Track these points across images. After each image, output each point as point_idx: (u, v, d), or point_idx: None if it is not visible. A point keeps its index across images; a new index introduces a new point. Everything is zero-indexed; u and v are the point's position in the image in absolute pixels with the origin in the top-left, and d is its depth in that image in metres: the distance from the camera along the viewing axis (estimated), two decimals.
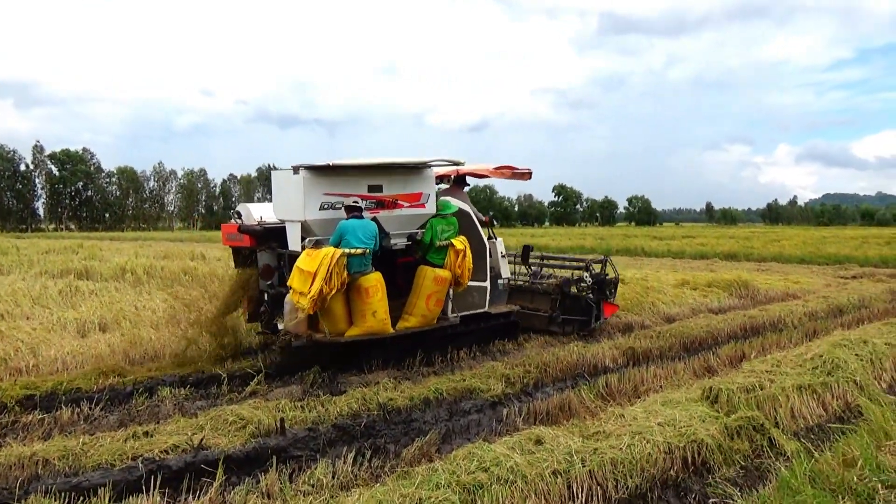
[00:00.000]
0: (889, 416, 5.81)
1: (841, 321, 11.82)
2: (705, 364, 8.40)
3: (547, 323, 10.65)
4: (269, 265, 8.76)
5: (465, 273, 8.78)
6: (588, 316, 10.70)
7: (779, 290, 16.71)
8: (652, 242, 40.79)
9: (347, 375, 7.98)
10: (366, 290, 7.76)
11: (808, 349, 7.93)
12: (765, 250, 33.80)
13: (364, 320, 7.85)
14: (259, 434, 5.77)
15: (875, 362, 7.81)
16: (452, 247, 8.65)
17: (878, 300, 14.95)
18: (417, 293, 8.54)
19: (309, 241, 7.95)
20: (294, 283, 7.57)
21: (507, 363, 8.35)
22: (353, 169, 8.22)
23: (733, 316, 12.15)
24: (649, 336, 10.10)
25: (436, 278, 8.50)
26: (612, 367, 8.48)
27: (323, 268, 7.29)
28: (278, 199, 8.50)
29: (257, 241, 8.78)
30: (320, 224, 8.05)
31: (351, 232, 7.69)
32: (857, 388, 6.88)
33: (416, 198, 8.79)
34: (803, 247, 35.58)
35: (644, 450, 4.99)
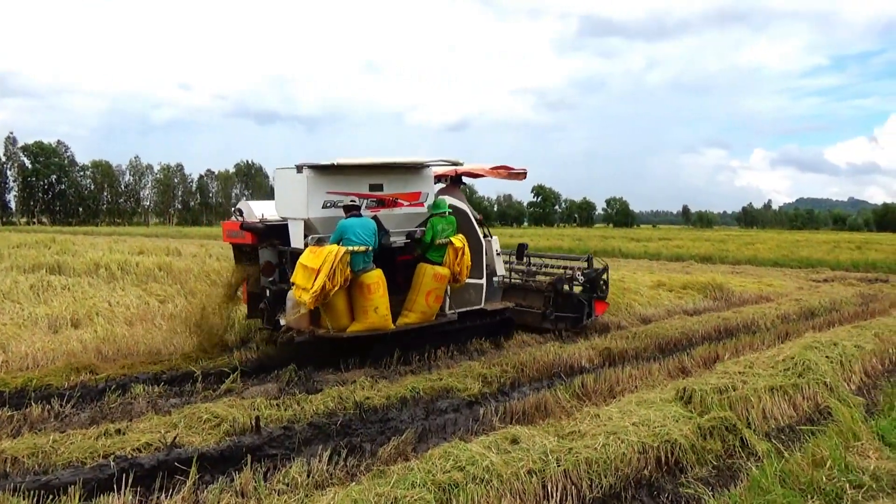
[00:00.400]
0: (857, 417, 5.93)
1: (812, 324, 12.01)
2: (680, 365, 8.48)
3: (540, 320, 10.80)
4: (270, 262, 8.90)
5: (463, 270, 9.02)
6: (580, 313, 10.88)
7: (752, 293, 16.93)
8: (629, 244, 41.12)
9: (324, 374, 7.95)
10: (368, 287, 7.94)
11: (780, 351, 8.05)
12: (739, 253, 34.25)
13: (366, 316, 8.02)
14: (234, 432, 5.72)
15: (844, 364, 7.95)
16: (451, 245, 8.86)
17: (849, 303, 15.22)
18: (417, 290, 8.73)
19: (312, 239, 8.09)
20: (297, 279, 7.72)
21: (484, 363, 8.37)
22: (355, 168, 8.35)
23: (708, 318, 12.29)
24: (625, 337, 10.18)
25: (435, 275, 8.70)
26: (588, 368, 8.54)
27: (327, 265, 7.47)
28: (281, 197, 8.63)
29: (259, 239, 8.91)
30: (323, 222, 8.19)
31: (351, 230, 7.85)
32: (827, 390, 6.99)
33: (415, 197, 9.00)
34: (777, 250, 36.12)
35: (618, 449, 5.04)
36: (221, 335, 9.17)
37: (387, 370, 8.19)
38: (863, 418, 6.06)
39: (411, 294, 8.76)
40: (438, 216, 8.96)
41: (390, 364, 8.37)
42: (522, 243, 11.55)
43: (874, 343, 9.05)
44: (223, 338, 9.24)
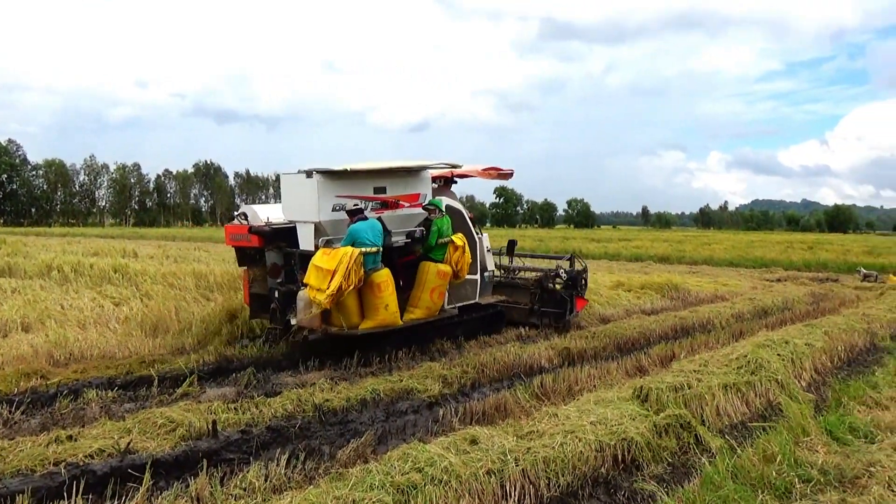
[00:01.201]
0: (806, 413, 6.09)
1: (765, 322, 12.30)
2: (637, 364, 8.61)
3: (527, 315, 11.34)
4: (276, 264, 9.22)
5: (464, 267, 9.52)
6: (563, 309, 11.35)
7: (708, 292, 17.28)
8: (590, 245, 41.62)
9: (283, 376, 7.88)
10: (378, 286, 8.31)
11: (734, 349, 8.23)
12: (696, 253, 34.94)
13: (377, 313, 8.38)
14: (190, 437, 5.63)
15: (795, 362, 8.16)
16: (452, 243, 9.32)
17: (800, 302, 15.64)
18: (422, 287, 9.13)
19: (322, 241, 8.41)
20: (311, 279, 7.95)
21: (444, 364, 8.38)
22: (361, 172, 8.70)
23: (665, 317, 12.50)
24: (584, 336, 10.30)
25: (438, 272, 9.15)
26: (547, 368, 8.61)
27: (343, 265, 7.77)
28: (288, 200, 8.83)
29: (265, 242, 9.17)
30: (332, 224, 8.54)
31: (363, 233, 8.19)
32: (779, 387, 7.17)
33: (414, 198, 9.47)
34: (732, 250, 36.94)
35: (576, 448, 5.09)
36: None
37: (347, 372, 8.15)
38: (812, 414, 6.23)
39: (416, 291, 9.15)
40: (440, 216, 9.39)
41: (350, 366, 8.34)
42: (512, 240, 12.24)
43: (824, 341, 9.31)
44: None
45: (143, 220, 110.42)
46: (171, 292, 12.56)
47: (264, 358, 8.75)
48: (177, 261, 20.39)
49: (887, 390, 7.15)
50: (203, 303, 11.86)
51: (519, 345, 9.59)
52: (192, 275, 14.35)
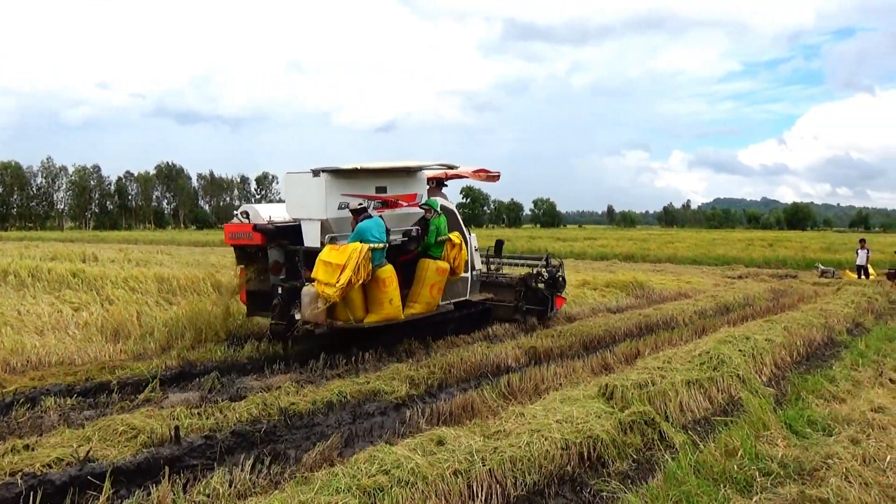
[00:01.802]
0: (767, 407, 6.22)
1: (727, 319, 12.53)
2: (603, 362, 8.69)
3: (512, 312, 11.79)
4: (277, 261, 9.45)
5: (460, 264, 10.04)
6: (545, 307, 11.93)
7: (672, 290, 17.54)
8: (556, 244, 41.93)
9: (248, 380, 7.78)
10: (383, 281, 8.64)
11: (697, 346, 8.36)
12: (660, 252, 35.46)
13: (382, 308, 8.70)
14: (152, 444, 5.52)
15: (756, 357, 8.32)
16: (449, 241, 9.82)
17: (761, 298, 15.97)
18: (421, 283, 9.52)
19: (327, 238, 8.71)
20: (319, 274, 8.25)
21: (411, 365, 8.37)
22: (364, 172, 9.06)
23: (630, 315, 12.66)
24: (551, 335, 10.37)
25: (437, 269, 9.57)
26: (514, 367, 8.65)
27: (352, 261, 8.10)
28: (293, 199, 9.20)
29: (268, 239, 9.40)
30: (338, 222, 8.90)
31: (369, 231, 8.54)
32: (740, 382, 7.30)
33: (412, 198, 9.87)
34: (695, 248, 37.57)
35: (542, 447, 5.11)
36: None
37: (313, 374, 8.09)
38: (772, 408, 6.36)
39: (416, 287, 9.53)
40: (437, 216, 9.81)
41: (316, 368, 8.28)
42: (499, 240, 12.85)
43: (783, 336, 9.51)
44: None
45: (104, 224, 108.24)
46: (132, 297, 12.34)
47: (229, 362, 8.64)
48: (139, 264, 20.02)
49: (844, 384, 7.33)
50: (166, 307, 11.67)
51: (486, 345, 9.62)
52: (154, 279, 14.12)
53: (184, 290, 13.31)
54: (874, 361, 8.62)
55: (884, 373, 7.90)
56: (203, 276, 14.32)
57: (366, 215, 8.76)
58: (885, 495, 4.41)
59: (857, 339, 10.35)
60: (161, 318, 10.38)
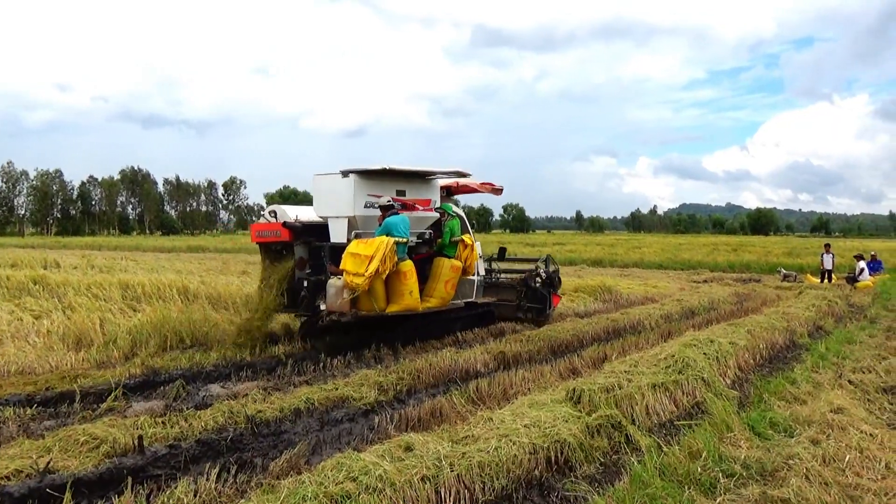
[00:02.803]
0: (730, 409, 6.32)
1: (692, 322, 12.72)
2: (570, 366, 8.76)
3: (514, 311, 12.49)
4: (303, 258, 10.14)
5: (472, 264, 11.03)
6: (544, 305, 12.50)
7: (639, 295, 17.75)
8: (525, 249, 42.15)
9: (214, 388, 7.69)
10: (404, 274, 9.41)
11: (663, 349, 8.45)
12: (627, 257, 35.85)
13: (402, 298, 9.46)
14: (114, 454, 5.41)
15: (720, 360, 8.45)
16: (462, 242, 10.83)
17: (725, 302, 16.24)
18: (437, 279, 10.36)
19: (353, 234, 9.52)
20: (347, 265, 8.94)
21: (380, 371, 8.33)
22: (387, 174, 9.82)
23: (597, 319, 12.77)
24: (519, 340, 10.42)
25: (452, 266, 10.47)
26: (483, 372, 8.67)
27: (380, 252, 8.84)
28: (322, 199, 9.96)
29: (295, 236, 10.05)
30: (364, 219, 9.68)
31: (395, 226, 9.30)
32: (705, 385, 7.40)
33: (427, 203, 10.68)
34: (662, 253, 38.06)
35: (510, 451, 5.13)
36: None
37: (280, 381, 8.01)
38: (735, 411, 6.46)
39: (431, 283, 10.37)
40: (453, 219, 10.78)
41: (284, 375, 8.21)
42: (502, 247, 13.69)
43: (747, 339, 9.68)
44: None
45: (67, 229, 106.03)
46: (95, 304, 12.12)
47: (194, 369, 8.53)
48: (102, 271, 19.66)
49: (805, 385, 7.48)
50: (130, 314, 11.48)
51: (454, 350, 9.62)
52: (118, 285, 13.87)
53: (149, 297, 13.10)
54: (834, 364, 8.81)
55: (843, 374, 8.07)
56: (168, 282, 14.11)
57: (393, 212, 9.50)
58: (845, 494, 4.51)
59: (818, 342, 10.57)
60: (125, 326, 10.20)
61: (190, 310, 11.10)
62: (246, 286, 14.50)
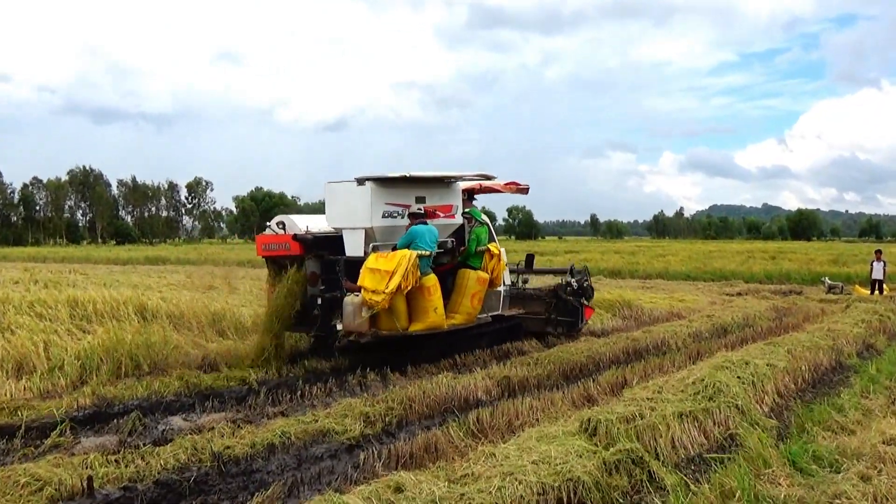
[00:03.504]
0: (768, 442, 6.33)
1: (724, 342, 12.73)
2: (585, 393, 8.76)
3: (543, 325, 13.07)
4: (315, 272, 10.46)
5: (499, 275, 11.45)
6: (575, 318, 13.08)
7: (663, 310, 17.78)
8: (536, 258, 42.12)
9: (175, 420, 7.68)
10: (428, 289, 9.80)
11: (691, 373, 8.46)
12: (650, 266, 35.92)
13: (427, 316, 9.89)
14: (60, 497, 5.40)
15: (757, 385, 8.46)
16: (489, 251, 11.17)
17: (762, 318, 16.26)
18: (462, 293, 10.77)
19: (371, 247, 9.88)
20: (365, 282, 9.32)
21: (366, 399, 8.31)
22: (406, 181, 10.20)
23: (616, 339, 12.79)
24: (526, 363, 10.42)
25: (478, 279, 10.85)
26: (484, 400, 8.67)
27: (401, 267, 9.18)
28: (336, 209, 10.42)
29: (306, 249, 10.39)
30: (382, 231, 10.09)
31: (420, 236, 9.76)
32: (739, 414, 7.40)
33: (448, 209, 11.06)
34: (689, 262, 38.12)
35: (515, 492, 5.11)
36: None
37: (252, 412, 8.01)
38: (774, 443, 6.47)
39: (456, 297, 10.77)
40: (479, 226, 11.23)
41: (256, 405, 8.20)
42: (530, 254, 14.23)
43: (787, 360, 9.69)
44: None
45: (6, 239, 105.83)
46: (39, 324, 12.05)
47: (153, 399, 8.53)
48: (47, 286, 19.61)
49: (853, 413, 7.49)
50: (79, 336, 11.45)
51: (452, 375, 9.62)
52: (66, 303, 13.81)
53: (101, 317, 13.06)
54: (886, 388, 8.83)
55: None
56: (124, 298, 14.08)
57: (421, 220, 9.98)
58: None
59: (868, 363, 10.59)
60: (73, 350, 10.17)
61: (148, 331, 11.06)
62: (213, 303, 14.49)
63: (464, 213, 11.42)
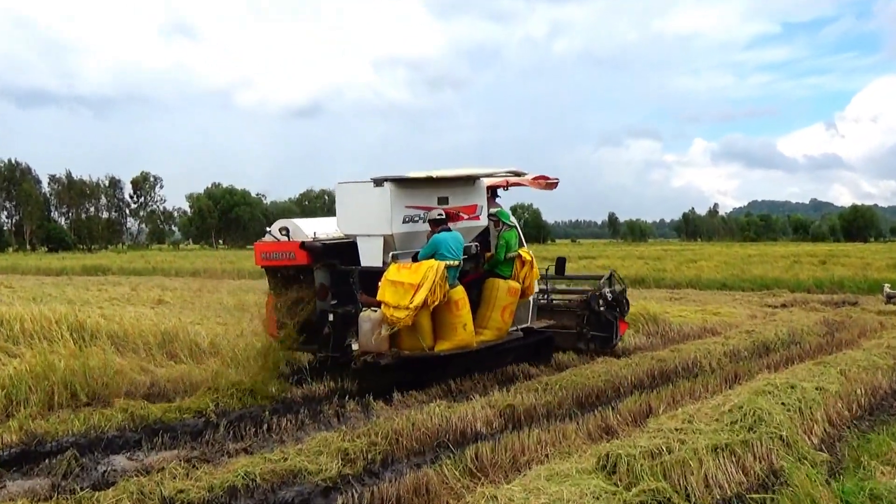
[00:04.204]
0: (818, 479, 6.34)
1: (767, 361, 12.78)
2: (603, 423, 8.77)
3: (574, 340, 13.52)
4: (324, 284, 10.81)
5: (531, 284, 11.89)
6: (609, 332, 13.54)
7: (695, 325, 17.83)
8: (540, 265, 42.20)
9: (118, 459, 7.67)
10: (456, 303, 10.12)
11: (727, 399, 8.49)
12: (679, 273, 35.97)
13: (455, 333, 10.22)
14: None
15: (804, 412, 8.48)
16: (519, 258, 11.54)
17: (811, 333, 16.30)
18: (491, 305, 11.11)
19: (390, 256, 10.17)
20: (386, 296, 9.69)
21: (345, 433, 8.29)
22: (428, 181, 10.51)
23: (639, 359, 12.81)
24: (534, 389, 10.42)
25: (509, 290, 11.19)
26: (485, 433, 8.66)
27: (428, 280, 9.52)
28: (349, 213, 10.72)
29: (314, 259, 10.70)
30: (403, 238, 10.37)
31: (445, 244, 10.09)
32: (783, 446, 7.42)
33: (472, 210, 11.41)
34: (725, 268, 38.18)
35: None
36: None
37: (210, 449, 8.01)
38: (824, 480, 6.48)
39: (484, 310, 11.07)
40: (507, 229, 11.55)
41: (214, 442, 8.19)
42: (561, 258, 14.52)
43: (840, 383, 9.73)
44: None
45: None
46: None
47: (92, 434, 8.51)
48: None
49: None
50: (4, 361, 11.43)
51: (446, 403, 9.61)
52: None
53: (30, 338, 13.03)
54: None
55: None
56: (57, 316, 14.05)
57: (444, 227, 10.30)
58: None
59: None
60: None
61: (86, 353, 11.04)
62: (164, 320, 14.48)
63: (490, 216, 11.78)
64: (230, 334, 13.58)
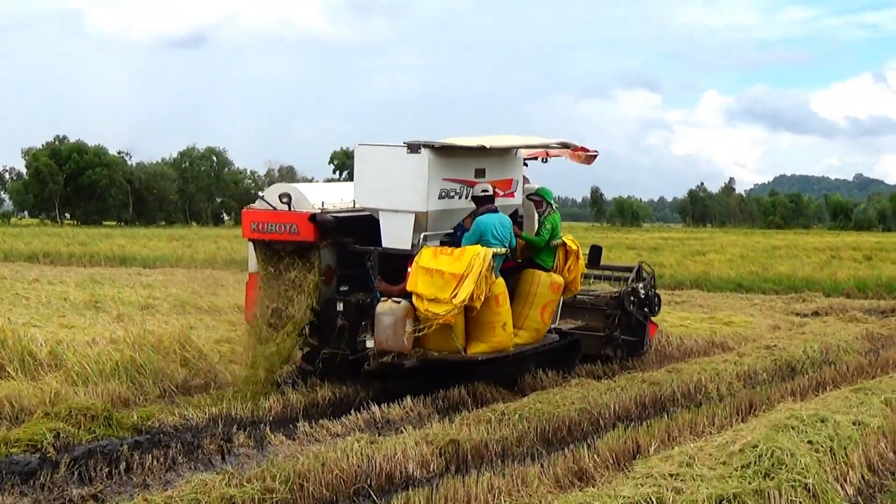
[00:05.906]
0: None
1: (791, 387, 12.95)
2: (575, 466, 8.80)
3: (601, 345, 14.43)
4: (330, 266, 11.51)
5: (576, 279, 12.88)
6: (640, 336, 14.59)
7: (700, 338, 17.94)
8: None
9: None
10: (496, 299, 10.77)
11: (738, 436, 8.57)
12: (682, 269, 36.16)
13: (493, 334, 10.94)
14: None
15: (837, 453, 8.59)
16: (564, 246, 12.48)
17: (849, 351, 16.51)
18: (530, 303, 11.90)
19: (422, 238, 10.90)
20: (420, 286, 10.29)
21: (231, 475, 8.22)
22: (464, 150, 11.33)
23: (625, 382, 12.90)
24: (485, 420, 10.43)
25: (552, 284, 12.04)
26: (419, 478, 8.67)
27: (475, 270, 10.11)
28: (371, 182, 11.40)
29: (322, 235, 11.26)
30: (437, 216, 11.15)
31: (491, 229, 10.85)
32: (809, 497, 7.52)
33: (508, 185, 12.31)
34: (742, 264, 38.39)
35: None
36: None
37: (47, 496, 7.92)
38: None
39: (521, 307, 11.79)
40: (553, 211, 12.38)
41: (53, 484, 8.11)
42: (596, 246, 15.22)
43: (883, 416, 9.88)
44: None
45: None
46: None
47: None
48: None
49: None
50: None
51: (368, 437, 9.60)
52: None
53: None
54: None
55: None
56: None
57: (489, 207, 11.09)
58: None
59: None
60: None
61: None
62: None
63: (531, 195, 12.65)
64: (79, 341, 13.38)
